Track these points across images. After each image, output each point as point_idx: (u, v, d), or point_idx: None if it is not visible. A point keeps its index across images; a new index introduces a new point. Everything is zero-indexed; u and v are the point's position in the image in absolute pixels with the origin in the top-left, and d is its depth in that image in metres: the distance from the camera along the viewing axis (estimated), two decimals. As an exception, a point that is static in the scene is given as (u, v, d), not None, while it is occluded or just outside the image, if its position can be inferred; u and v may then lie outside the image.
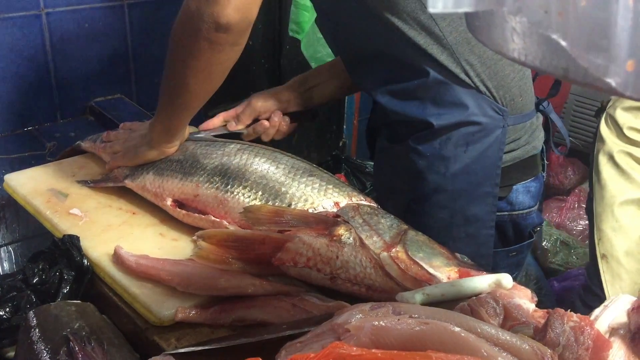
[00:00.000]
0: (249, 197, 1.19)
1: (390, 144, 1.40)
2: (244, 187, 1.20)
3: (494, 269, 1.38)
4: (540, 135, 1.44)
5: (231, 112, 1.52)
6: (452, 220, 1.34)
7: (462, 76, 1.27)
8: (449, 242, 1.31)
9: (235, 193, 1.20)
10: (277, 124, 1.50)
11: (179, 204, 1.26)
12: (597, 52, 0.43)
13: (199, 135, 1.44)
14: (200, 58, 1.14)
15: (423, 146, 1.31)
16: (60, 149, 1.83)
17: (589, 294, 2.17)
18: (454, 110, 1.27)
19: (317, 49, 2.89)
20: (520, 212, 1.42)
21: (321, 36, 2.87)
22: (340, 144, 3.10)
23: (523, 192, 1.41)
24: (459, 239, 1.35)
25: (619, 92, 0.44)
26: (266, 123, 1.49)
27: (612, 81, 0.42)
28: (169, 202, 1.26)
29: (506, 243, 1.44)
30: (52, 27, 1.94)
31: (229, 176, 1.23)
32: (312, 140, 2.95)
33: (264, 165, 1.24)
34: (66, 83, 2.03)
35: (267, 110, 1.51)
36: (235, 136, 1.48)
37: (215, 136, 1.45)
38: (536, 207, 1.46)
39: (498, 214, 1.37)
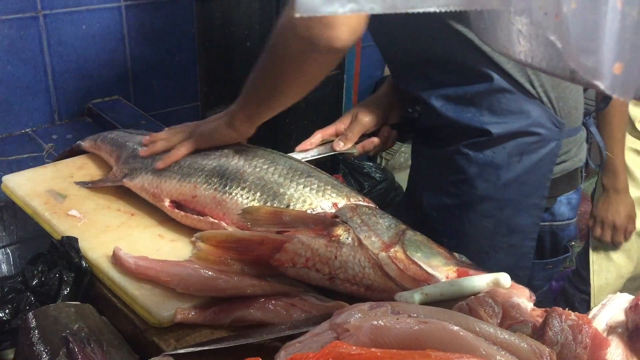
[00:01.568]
0: (247, 198, 1.20)
1: (430, 149, 1.37)
2: (242, 189, 1.20)
3: (528, 281, 1.36)
4: (585, 147, 1.43)
5: (330, 130, 1.45)
6: (495, 230, 1.32)
7: (527, 85, 1.25)
8: (490, 252, 1.30)
9: (233, 194, 1.20)
10: (386, 139, 1.45)
11: (177, 204, 1.26)
12: (587, 54, 0.43)
13: (299, 156, 1.38)
14: (307, 72, 1.12)
15: (475, 153, 1.28)
16: (58, 151, 1.83)
17: (577, 277, 2.25)
18: (514, 119, 1.26)
19: (314, 49, 2.89)
20: (560, 223, 1.41)
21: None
22: (338, 145, 3.09)
23: (565, 204, 1.40)
24: (501, 249, 1.33)
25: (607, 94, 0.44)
26: (376, 140, 1.43)
27: (600, 84, 0.43)
28: (166, 202, 1.26)
29: (541, 255, 1.43)
30: (49, 29, 1.94)
31: (227, 177, 1.23)
32: (310, 141, 2.95)
33: (262, 167, 1.24)
34: (64, 85, 2.04)
35: (375, 124, 1.44)
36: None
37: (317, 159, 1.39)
38: (575, 219, 1.45)
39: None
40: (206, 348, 0.93)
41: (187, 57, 2.32)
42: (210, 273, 1.06)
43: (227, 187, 1.21)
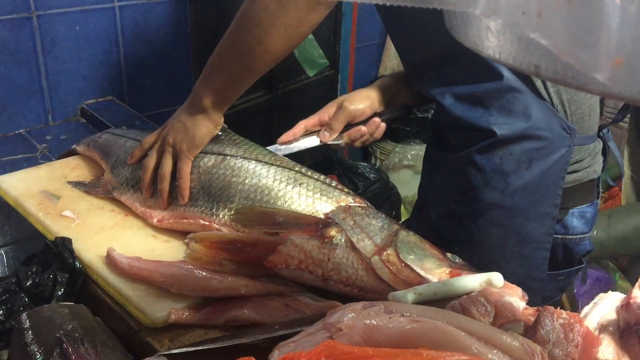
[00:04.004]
0: None
1: (442, 153, 1.34)
2: (229, 209, 1.19)
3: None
4: (600, 160, 1.39)
5: (313, 120, 1.40)
6: (506, 239, 1.29)
7: (538, 84, 1.21)
8: (502, 262, 1.27)
9: (221, 216, 1.19)
10: (374, 130, 1.40)
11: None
12: (584, 48, 0.43)
13: (281, 148, 1.35)
14: (294, 16, 1.08)
15: (482, 160, 1.25)
16: (52, 152, 1.83)
17: None
18: (518, 120, 1.22)
19: (308, 50, 2.90)
20: (574, 237, 1.38)
21: (312, 37, 2.88)
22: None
23: (578, 217, 1.37)
24: (513, 259, 1.29)
25: (602, 90, 0.45)
26: (364, 129, 1.39)
27: (600, 76, 0.43)
28: (154, 220, 1.26)
29: (553, 267, 1.38)
30: (43, 29, 1.94)
31: (212, 199, 1.21)
32: (304, 142, 2.95)
33: (246, 183, 1.21)
34: (57, 85, 2.03)
35: (362, 114, 1.39)
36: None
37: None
38: (589, 234, 1.41)
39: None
40: (200, 348, 0.93)
41: (181, 57, 2.32)
42: (204, 273, 1.06)
43: (215, 210, 1.20)
